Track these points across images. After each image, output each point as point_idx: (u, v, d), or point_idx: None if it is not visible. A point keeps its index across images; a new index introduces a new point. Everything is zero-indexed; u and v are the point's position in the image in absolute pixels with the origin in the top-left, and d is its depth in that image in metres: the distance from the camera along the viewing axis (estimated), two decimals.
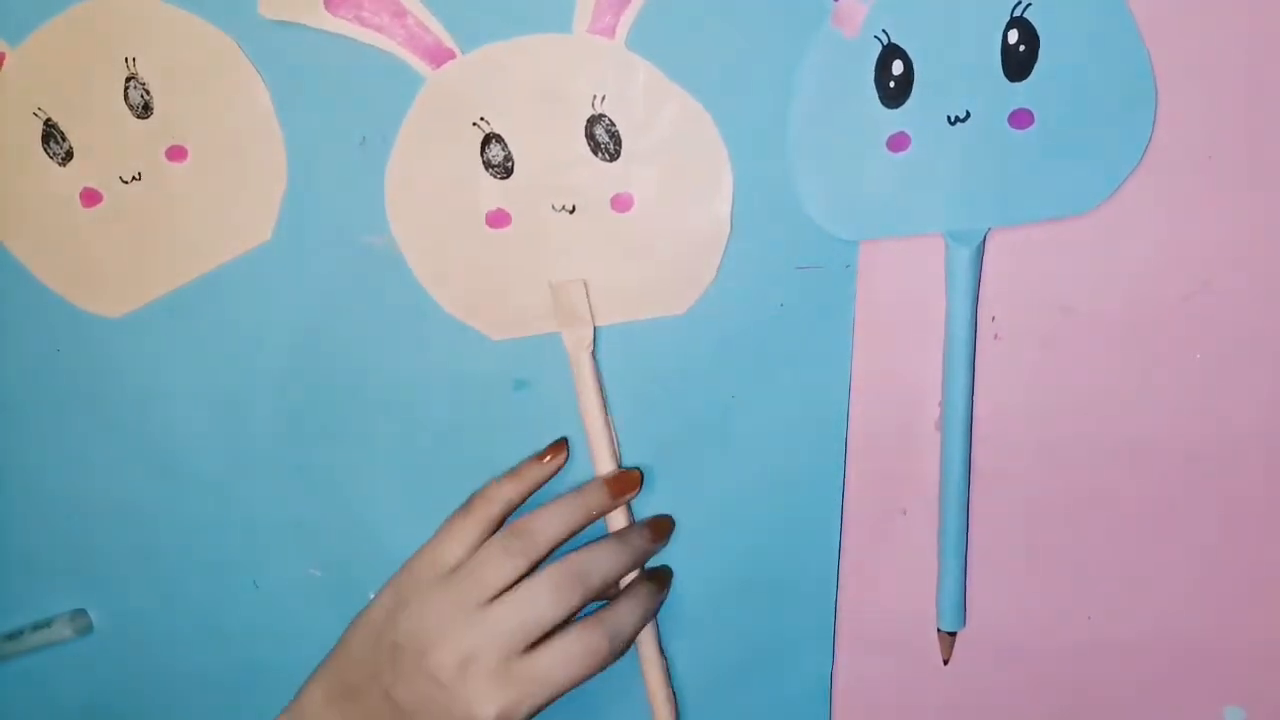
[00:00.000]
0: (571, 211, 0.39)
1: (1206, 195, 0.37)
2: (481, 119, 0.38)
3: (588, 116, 0.38)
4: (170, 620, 0.39)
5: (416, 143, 0.39)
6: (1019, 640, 0.41)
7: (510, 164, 0.38)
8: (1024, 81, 0.35)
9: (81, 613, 0.45)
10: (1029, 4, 0.34)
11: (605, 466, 0.40)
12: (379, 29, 0.37)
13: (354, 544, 0.44)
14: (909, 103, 0.36)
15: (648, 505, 0.42)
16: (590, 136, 0.38)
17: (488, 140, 0.38)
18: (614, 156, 0.38)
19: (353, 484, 0.43)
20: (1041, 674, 0.42)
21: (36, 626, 0.44)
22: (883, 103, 0.36)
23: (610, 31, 0.37)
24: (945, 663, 0.42)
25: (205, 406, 0.42)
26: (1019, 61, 0.35)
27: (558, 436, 0.41)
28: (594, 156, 0.38)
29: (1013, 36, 0.35)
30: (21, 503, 0.44)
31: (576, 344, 0.40)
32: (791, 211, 0.38)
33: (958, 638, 0.41)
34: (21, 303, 0.42)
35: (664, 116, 0.37)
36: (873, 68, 0.36)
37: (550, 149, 0.38)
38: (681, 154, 0.38)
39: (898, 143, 0.37)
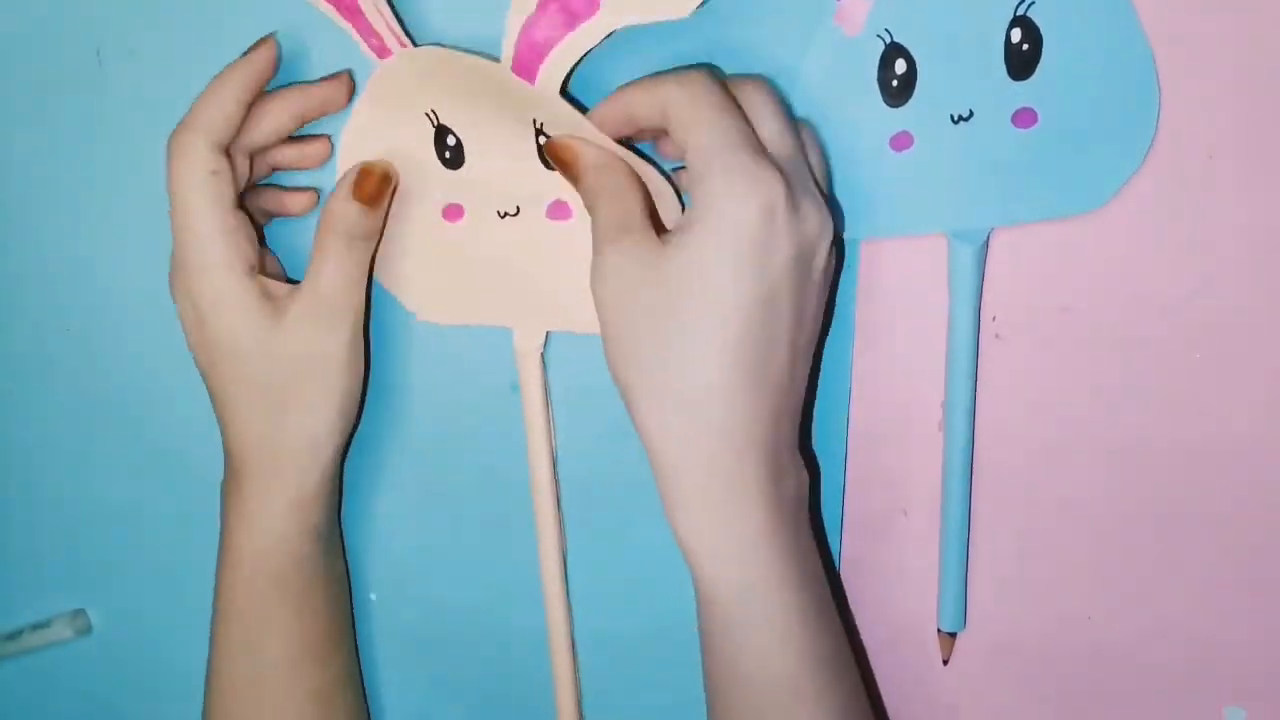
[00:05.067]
0: (516, 214, 0.38)
1: (1207, 195, 0.37)
2: (431, 111, 0.37)
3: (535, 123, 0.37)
4: (170, 620, 0.39)
5: (361, 134, 0.38)
6: (1018, 640, 0.41)
7: (461, 159, 0.38)
8: (1027, 80, 0.35)
9: (81, 613, 0.45)
10: (1032, 2, 0.34)
11: (541, 467, 0.40)
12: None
13: (352, 544, 0.44)
14: (912, 102, 0.36)
15: (649, 505, 0.41)
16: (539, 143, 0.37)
17: (440, 133, 0.38)
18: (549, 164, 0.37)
19: (349, 484, 0.43)
20: (1041, 674, 0.42)
21: (36, 627, 0.44)
22: (885, 102, 0.36)
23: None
24: (945, 663, 0.42)
25: (205, 406, 0.42)
26: (1022, 60, 0.35)
27: (555, 438, 0.41)
28: (540, 162, 0.37)
29: (1016, 35, 0.35)
30: (21, 503, 0.44)
31: (527, 340, 0.39)
32: None
33: (957, 638, 0.41)
34: (21, 302, 0.42)
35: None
36: (875, 66, 0.36)
37: (500, 150, 0.37)
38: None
39: (900, 142, 0.37)
